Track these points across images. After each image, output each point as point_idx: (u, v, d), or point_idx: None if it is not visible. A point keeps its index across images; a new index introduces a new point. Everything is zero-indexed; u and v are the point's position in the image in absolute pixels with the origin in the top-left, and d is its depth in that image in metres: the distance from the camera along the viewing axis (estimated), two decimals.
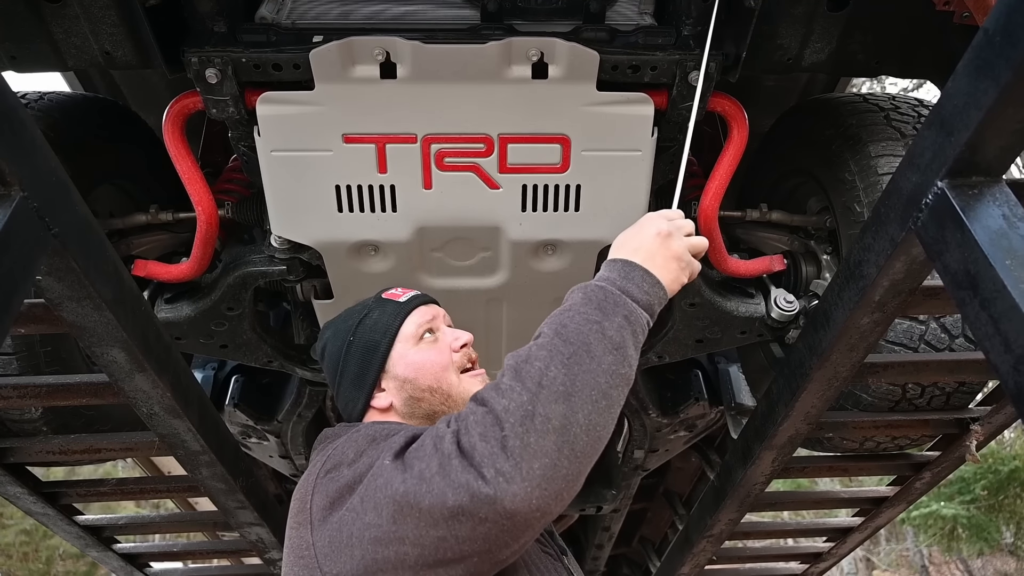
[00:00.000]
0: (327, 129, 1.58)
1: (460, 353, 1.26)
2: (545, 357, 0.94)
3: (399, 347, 1.25)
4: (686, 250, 1.14)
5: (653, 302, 1.07)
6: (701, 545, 2.38)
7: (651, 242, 1.12)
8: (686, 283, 1.15)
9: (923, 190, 1.11)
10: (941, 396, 1.77)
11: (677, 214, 1.20)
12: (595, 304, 1.01)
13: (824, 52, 1.53)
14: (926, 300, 1.36)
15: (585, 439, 0.91)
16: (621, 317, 1.00)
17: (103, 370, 1.38)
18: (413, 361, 1.23)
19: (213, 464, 1.75)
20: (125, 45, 1.48)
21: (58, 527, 2.15)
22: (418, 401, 1.22)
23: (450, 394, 1.22)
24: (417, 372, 1.23)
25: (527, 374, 0.93)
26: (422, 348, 1.25)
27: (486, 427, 0.90)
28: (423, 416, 1.23)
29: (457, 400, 1.22)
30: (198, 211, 1.72)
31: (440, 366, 1.23)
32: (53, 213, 1.08)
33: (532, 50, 1.51)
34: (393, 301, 1.31)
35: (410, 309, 1.29)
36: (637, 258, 1.09)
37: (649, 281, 1.07)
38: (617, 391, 0.96)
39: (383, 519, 0.91)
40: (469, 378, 1.25)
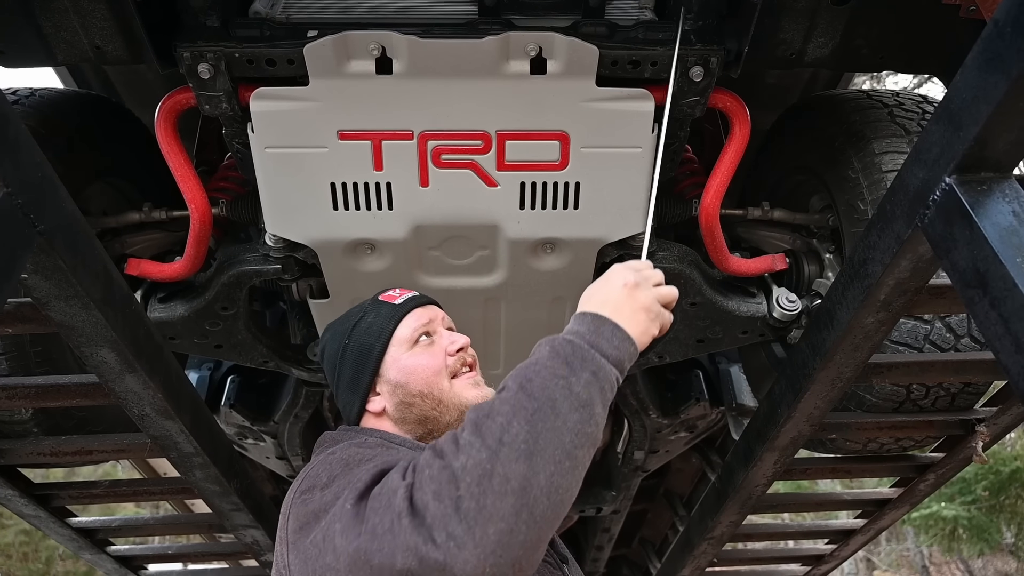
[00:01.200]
0: (322, 125, 1.55)
1: (455, 357, 1.23)
2: (508, 412, 0.89)
3: (393, 351, 1.24)
4: (655, 301, 1.09)
5: (623, 357, 1.01)
6: (702, 547, 2.35)
7: (618, 294, 1.07)
8: (657, 336, 1.10)
9: (930, 186, 1.08)
10: (946, 397, 1.74)
11: (645, 265, 1.16)
12: (562, 359, 0.96)
13: (827, 47, 1.50)
14: (932, 299, 1.33)
15: (546, 503, 0.85)
16: (589, 373, 0.95)
17: (93, 371, 1.36)
18: (405, 366, 1.22)
19: (207, 466, 1.73)
20: (116, 40, 1.45)
21: (51, 529, 2.13)
22: (409, 406, 1.21)
23: (441, 399, 1.20)
24: (409, 377, 1.21)
25: (488, 430, 0.88)
26: (415, 352, 1.23)
27: (441, 484, 0.85)
28: (415, 421, 1.21)
29: (449, 406, 1.20)
30: (191, 208, 1.70)
31: (432, 371, 1.21)
32: (38, 210, 1.05)
33: (530, 45, 1.48)
34: (389, 303, 1.29)
35: (405, 312, 1.27)
36: (605, 311, 1.04)
37: (619, 336, 1.01)
38: (582, 451, 0.91)
39: (340, 566, 0.89)
40: (462, 382, 1.22)
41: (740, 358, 2.55)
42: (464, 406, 1.20)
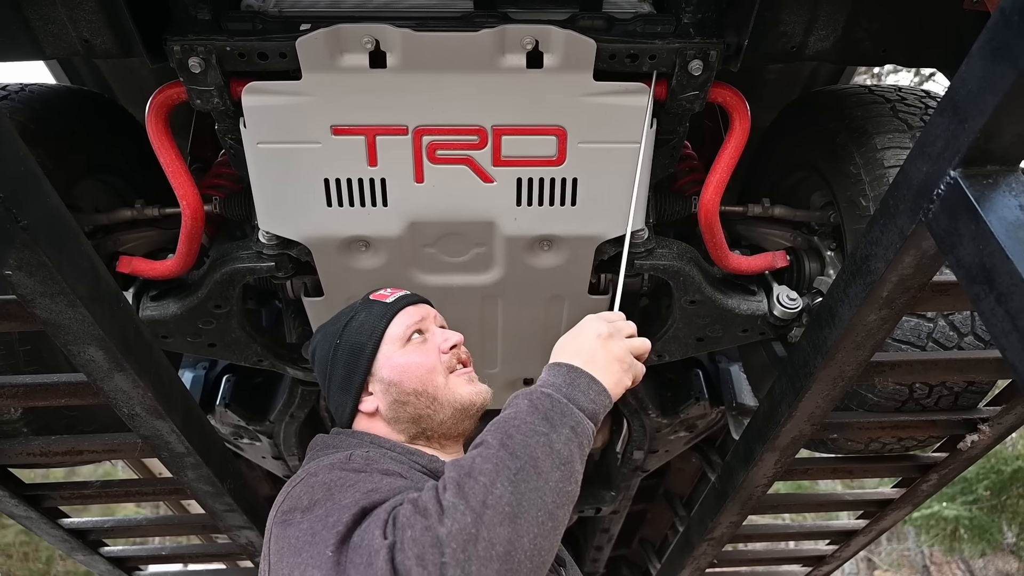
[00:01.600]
0: (315, 120, 1.53)
1: (449, 354, 1.22)
2: (491, 472, 0.88)
3: (385, 349, 1.22)
4: (628, 352, 1.10)
5: (599, 410, 1.01)
6: (702, 548, 2.33)
7: (591, 344, 1.07)
8: (630, 386, 1.09)
9: (934, 180, 1.06)
10: (949, 396, 1.71)
11: (617, 316, 1.17)
12: (542, 414, 0.95)
13: (829, 40, 1.48)
14: (936, 296, 1.31)
15: (529, 565, 0.85)
16: (568, 429, 0.95)
17: (81, 369, 1.34)
18: (398, 364, 1.20)
19: (199, 466, 1.70)
20: (105, 33, 1.43)
21: (42, 531, 2.10)
22: (403, 405, 1.19)
23: (436, 397, 1.19)
24: (402, 375, 1.20)
25: (471, 491, 0.86)
26: (408, 350, 1.22)
27: (424, 548, 0.83)
28: (409, 420, 1.19)
29: (443, 403, 1.18)
30: (182, 205, 1.68)
31: (426, 368, 1.20)
32: (21, 204, 1.03)
33: (527, 38, 1.46)
34: (380, 302, 1.28)
35: (397, 310, 1.25)
36: (578, 361, 1.04)
37: (595, 388, 1.02)
38: (563, 511, 0.90)
39: None
40: (456, 379, 1.21)
41: (740, 357, 2.53)
42: (458, 403, 1.19)
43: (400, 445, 1.16)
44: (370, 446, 1.15)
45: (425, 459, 1.13)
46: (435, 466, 1.12)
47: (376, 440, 1.18)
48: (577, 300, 1.91)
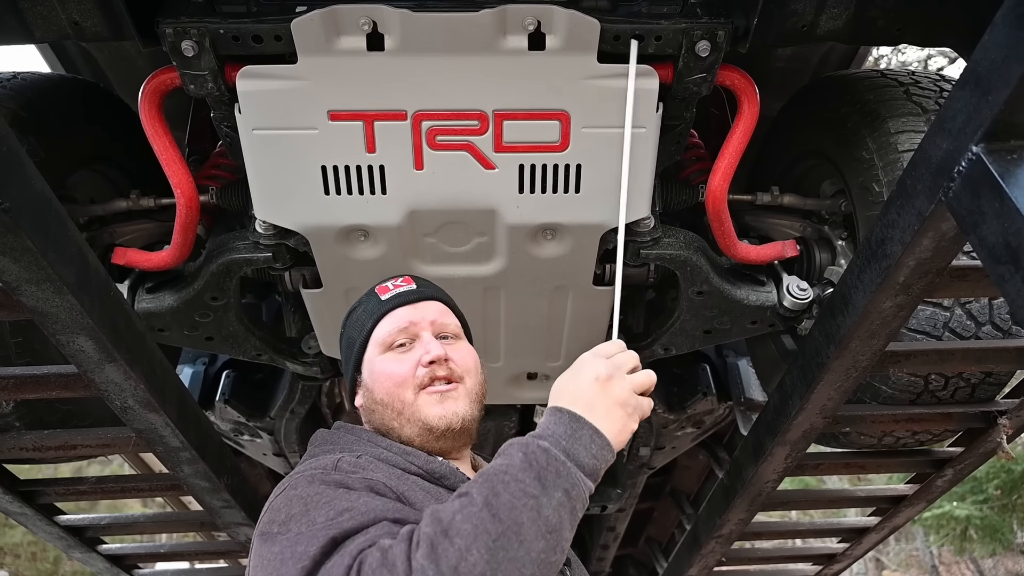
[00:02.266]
0: (311, 106, 1.49)
1: (426, 369, 1.15)
2: (468, 534, 0.81)
3: (370, 351, 1.20)
4: (631, 392, 1.00)
5: (600, 466, 0.93)
6: (710, 546, 2.28)
7: (590, 390, 0.97)
8: (635, 430, 1.00)
9: (955, 157, 1.01)
10: (966, 388, 1.66)
11: (616, 347, 1.05)
12: (535, 472, 0.87)
13: (842, 18, 1.42)
14: (954, 282, 1.26)
15: None
16: (562, 492, 0.86)
17: (71, 360, 1.30)
18: (374, 370, 1.18)
19: (195, 461, 1.67)
20: (95, 15, 1.39)
21: (38, 527, 2.07)
22: (372, 411, 1.18)
23: (401, 412, 1.14)
24: (375, 383, 1.18)
25: (444, 555, 0.80)
26: (386, 358, 1.18)
27: None
28: (380, 426, 1.17)
29: (408, 418, 1.14)
30: (177, 194, 1.64)
31: (395, 382, 1.15)
32: (3, 187, 0.99)
33: (528, 18, 1.41)
34: (376, 297, 1.25)
35: (386, 311, 1.21)
36: (578, 408, 0.95)
37: (598, 442, 0.93)
38: None
39: None
40: (426, 397, 1.14)
41: (748, 351, 2.48)
42: (422, 423, 1.13)
43: (396, 444, 1.13)
44: (367, 445, 1.12)
45: (421, 460, 1.09)
46: (431, 467, 1.08)
47: (373, 439, 1.15)
48: (582, 291, 1.87)
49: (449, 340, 1.21)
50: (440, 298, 1.27)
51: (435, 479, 1.07)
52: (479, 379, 1.21)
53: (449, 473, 1.08)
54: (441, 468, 1.08)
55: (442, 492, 1.05)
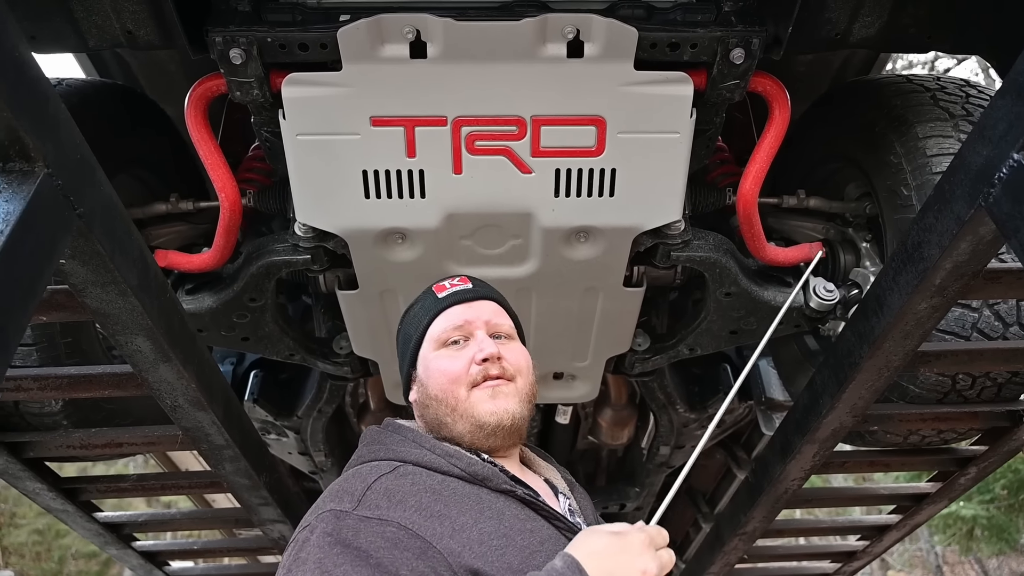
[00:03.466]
0: (355, 111, 1.53)
1: (479, 367, 1.17)
2: None
3: (425, 347, 1.23)
4: None
5: None
6: (733, 543, 2.31)
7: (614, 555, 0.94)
8: None
9: (996, 164, 1.05)
10: (992, 387, 1.69)
11: (659, 533, 1.00)
12: None
13: (874, 26, 1.46)
14: (988, 284, 1.29)
15: None
16: None
17: (127, 360, 1.34)
18: (428, 366, 1.21)
19: (237, 459, 1.70)
20: (148, 24, 1.43)
21: (77, 524, 2.11)
22: (426, 407, 1.20)
23: (455, 408, 1.17)
24: (429, 378, 1.20)
25: None
26: (441, 355, 1.21)
27: None
28: (432, 421, 1.20)
29: (460, 415, 1.16)
30: (221, 197, 1.68)
31: (449, 378, 1.17)
32: (78, 192, 1.03)
33: (568, 27, 1.45)
34: (432, 295, 1.28)
35: (441, 309, 1.24)
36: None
37: None
38: None
39: None
40: (479, 392, 1.16)
41: (771, 352, 2.51)
42: (474, 419, 1.15)
43: (441, 446, 1.15)
44: (411, 446, 1.14)
45: (463, 462, 1.11)
46: (473, 469, 1.09)
47: (419, 439, 1.17)
48: (612, 292, 1.90)
49: (502, 340, 1.23)
50: (495, 298, 1.30)
51: (477, 481, 1.09)
52: (530, 379, 1.23)
53: (492, 475, 1.10)
54: (483, 471, 1.10)
55: (483, 493, 1.07)
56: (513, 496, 1.09)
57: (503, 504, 1.07)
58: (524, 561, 0.99)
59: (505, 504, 1.07)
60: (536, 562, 0.99)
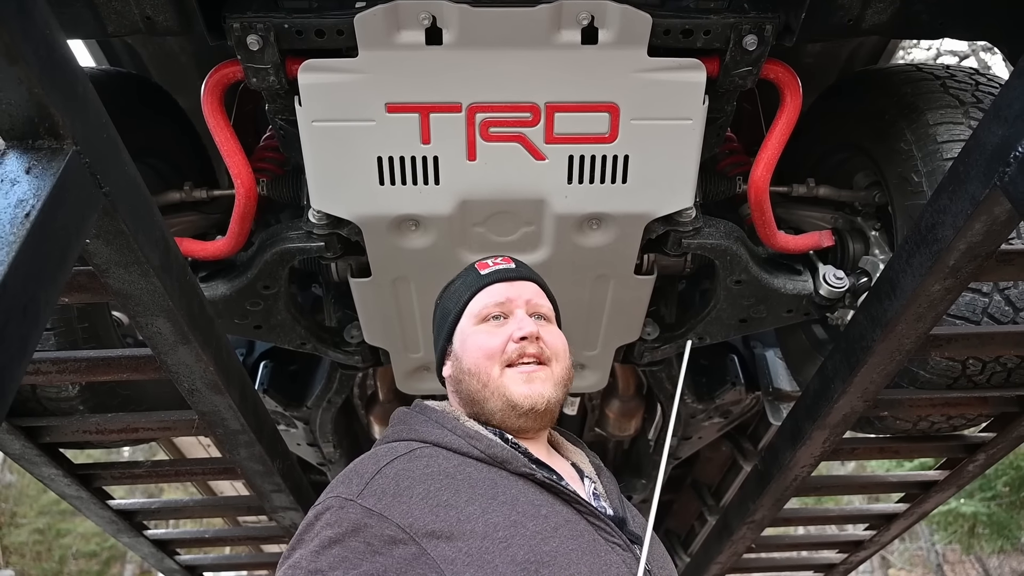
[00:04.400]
0: (370, 98, 1.54)
1: (517, 345, 1.17)
2: None
3: (464, 321, 1.24)
4: None
5: None
6: (741, 532, 2.33)
7: None
8: None
9: (1012, 143, 1.06)
10: (1002, 372, 1.71)
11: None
12: None
13: (887, 12, 1.47)
14: (1001, 266, 1.31)
15: None
16: None
17: (147, 342, 1.35)
18: (466, 340, 1.22)
19: (252, 444, 1.71)
20: (167, 10, 1.44)
21: (91, 511, 2.12)
22: (460, 381, 1.21)
23: (487, 384, 1.17)
24: (465, 352, 1.21)
25: None
26: (479, 329, 1.22)
27: None
28: (466, 397, 1.20)
29: (493, 392, 1.16)
30: (236, 184, 1.69)
31: (485, 353, 1.18)
32: (105, 171, 1.04)
33: (583, 13, 1.46)
34: (476, 272, 1.29)
35: (484, 285, 1.26)
36: None
37: None
38: None
39: None
40: (513, 372, 1.17)
41: (778, 342, 2.53)
42: (507, 399, 1.15)
43: (463, 426, 1.15)
44: (434, 427, 1.15)
45: (483, 443, 1.11)
46: (492, 451, 1.09)
47: (443, 420, 1.17)
48: (623, 280, 1.91)
49: (542, 321, 1.24)
50: (537, 280, 1.31)
51: (496, 463, 1.09)
52: (567, 364, 1.23)
53: (511, 458, 1.09)
54: (503, 453, 1.10)
55: (500, 477, 1.07)
56: (532, 479, 1.08)
57: (520, 488, 1.06)
58: (532, 550, 0.98)
59: (522, 488, 1.06)
60: (547, 548, 0.99)
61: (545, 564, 0.97)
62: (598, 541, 1.05)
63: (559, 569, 0.97)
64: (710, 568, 2.70)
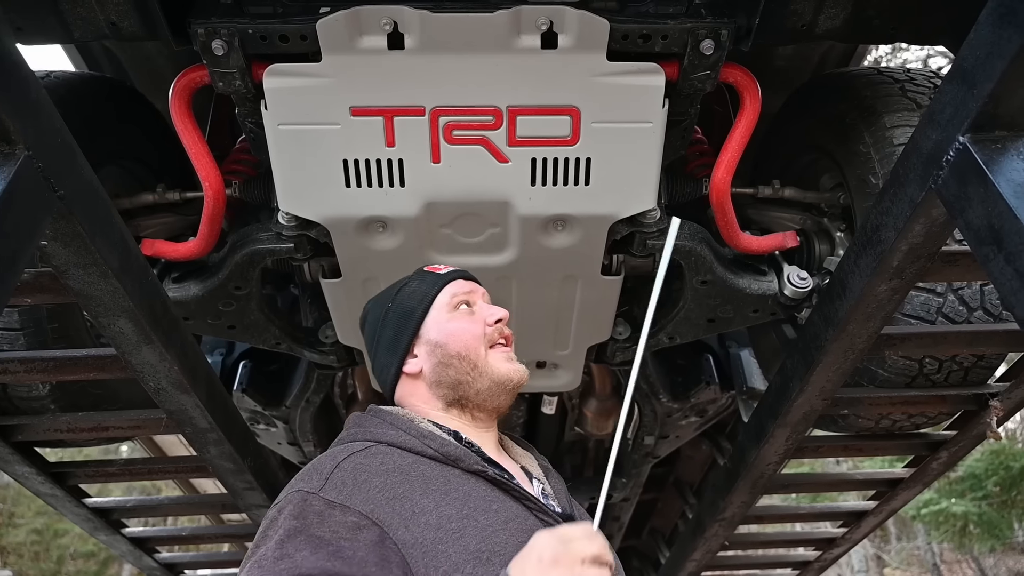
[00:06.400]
0: (335, 102, 1.56)
1: (494, 328, 1.26)
2: None
3: (434, 314, 1.28)
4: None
5: None
6: (713, 529, 2.35)
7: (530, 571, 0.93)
8: None
9: (944, 147, 1.09)
10: (959, 371, 1.73)
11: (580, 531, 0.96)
12: None
13: (839, 18, 1.50)
14: (946, 267, 1.33)
15: None
16: None
17: (110, 342, 1.37)
18: (445, 327, 1.26)
19: (221, 442, 1.74)
20: (131, 16, 1.47)
21: (67, 509, 2.14)
22: (446, 367, 1.23)
23: (476, 364, 1.22)
24: (448, 338, 1.24)
25: None
26: (456, 316, 1.27)
27: None
28: (449, 384, 1.23)
29: (483, 372, 1.22)
30: (205, 187, 1.71)
31: (472, 335, 1.24)
32: (58, 175, 1.07)
33: (541, 19, 1.48)
34: (433, 273, 1.34)
35: (448, 280, 1.31)
36: None
37: None
38: None
39: None
40: (497, 354, 1.24)
41: (751, 342, 2.55)
42: (496, 377, 1.22)
43: (417, 427, 1.17)
44: (388, 429, 1.17)
45: (437, 443, 1.14)
46: (446, 450, 1.12)
47: (396, 421, 1.19)
48: (590, 280, 1.94)
49: None
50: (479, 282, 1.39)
51: (449, 461, 1.12)
52: None
53: (464, 456, 1.13)
54: (456, 451, 1.13)
55: (453, 475, 1.10)
56: (483, 477, 1.12)
57: (472, 485, 1.10)
58: (484, 540, 1.02)
59: (474, 485, 1.10)
60: (498, 540, 1.03)
61: (496, 554, 1.01)
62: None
63: (509, 559, 1.00)
64: (686, 566, 2.73)
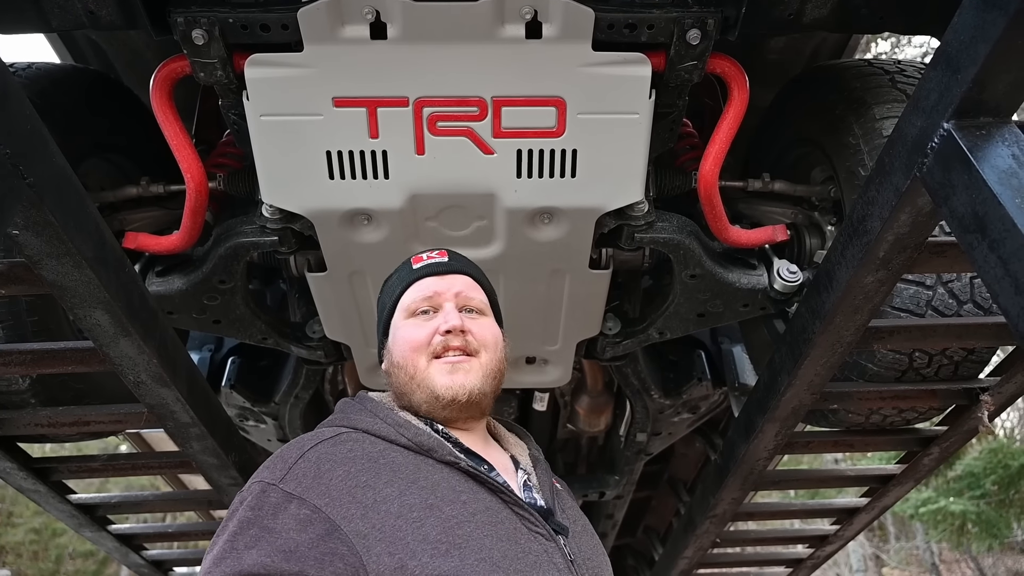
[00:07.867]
0: (317, 92, 1.54)
1: (441, 338, 1.19)
2: None
3: (396, 315, 1.27)
4: None
5: None
6: (704, 526, 2.34)
7: None
8: None
9: (928, 134, 1.07)
10: (949, 365, 1.72)
11: None
12: None
13: (826, 7, 1.48)
14: (932, 258, 1.31)
15: None
16: None
17: (87, 334, 1.36)
18: (396, 333, 1.25)
19: (204, 437, 1.72)
20: (109, 4, 1.45)
21: (51, 505, 2.12)
22: (389, 373, 1.24)
23: (413, 376, 1.19)
24: (394, 344, 1.24)
25: None
26: (408, 323, 1.24)
27: None
28: (396, 389, 1.22)
29: (418, 384, 1.18)
30: (187, 178, 1.69)
31: (412, 346, 1.20)
32: (28, 162, 1.05)
33: (525, 8, 1.47)
34: (408, 266, 1.32)
35: (415, 279, 1.28)
36: None
37: None
38: None
39: None
40: (438, 364, 1.19)
41: (743, 338, 2.54)
42: (430, 391, 1.17)
43: (394, 416, 1.17)
44: (366, 416, 1.17)
45: (411, 432, 1.13)
46: (419, 440, 1.11)
47: (375, 409, 1.19)
48: (578, 274, 1.92)
49: (472, 314, 1.25)
50: (471, 273, 1.32)
51: (423, 451, 1.11)
52: (497, 356, 1.24)
53: (437, 446, 1.11)
54: (429, 441, 1.12)
55: (425, 464, 1.09)
56: (457, 468, 1.10)
57: (443, 475, 1.08)
58: (445, 531, 1.00)
59: (446, 475, 1.09)
60: (461, 532, 1.01)
61: (457, 546, 0.99)
62: (520, 529, 1.07)
63: (470, 552, 0.98)
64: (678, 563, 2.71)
